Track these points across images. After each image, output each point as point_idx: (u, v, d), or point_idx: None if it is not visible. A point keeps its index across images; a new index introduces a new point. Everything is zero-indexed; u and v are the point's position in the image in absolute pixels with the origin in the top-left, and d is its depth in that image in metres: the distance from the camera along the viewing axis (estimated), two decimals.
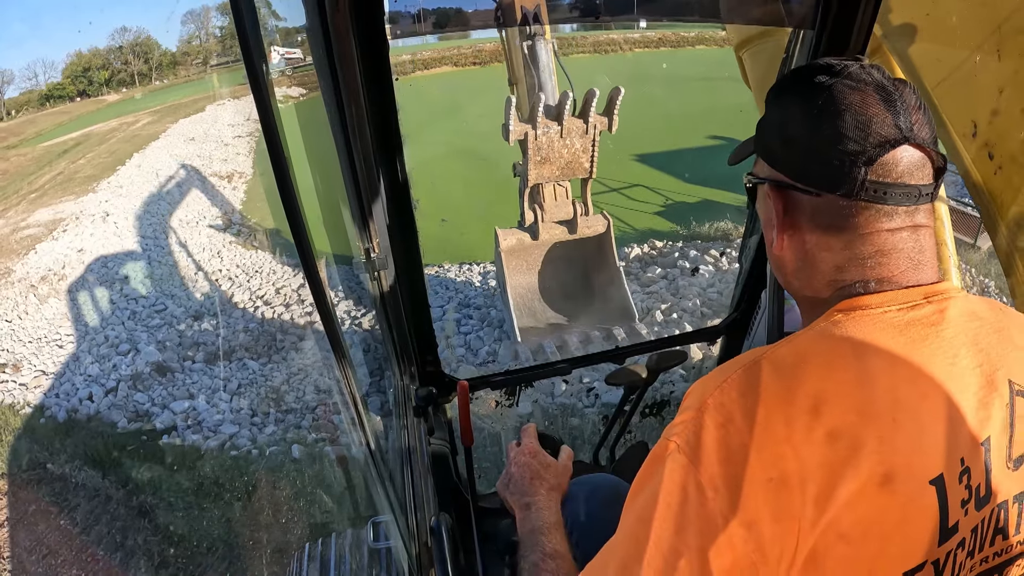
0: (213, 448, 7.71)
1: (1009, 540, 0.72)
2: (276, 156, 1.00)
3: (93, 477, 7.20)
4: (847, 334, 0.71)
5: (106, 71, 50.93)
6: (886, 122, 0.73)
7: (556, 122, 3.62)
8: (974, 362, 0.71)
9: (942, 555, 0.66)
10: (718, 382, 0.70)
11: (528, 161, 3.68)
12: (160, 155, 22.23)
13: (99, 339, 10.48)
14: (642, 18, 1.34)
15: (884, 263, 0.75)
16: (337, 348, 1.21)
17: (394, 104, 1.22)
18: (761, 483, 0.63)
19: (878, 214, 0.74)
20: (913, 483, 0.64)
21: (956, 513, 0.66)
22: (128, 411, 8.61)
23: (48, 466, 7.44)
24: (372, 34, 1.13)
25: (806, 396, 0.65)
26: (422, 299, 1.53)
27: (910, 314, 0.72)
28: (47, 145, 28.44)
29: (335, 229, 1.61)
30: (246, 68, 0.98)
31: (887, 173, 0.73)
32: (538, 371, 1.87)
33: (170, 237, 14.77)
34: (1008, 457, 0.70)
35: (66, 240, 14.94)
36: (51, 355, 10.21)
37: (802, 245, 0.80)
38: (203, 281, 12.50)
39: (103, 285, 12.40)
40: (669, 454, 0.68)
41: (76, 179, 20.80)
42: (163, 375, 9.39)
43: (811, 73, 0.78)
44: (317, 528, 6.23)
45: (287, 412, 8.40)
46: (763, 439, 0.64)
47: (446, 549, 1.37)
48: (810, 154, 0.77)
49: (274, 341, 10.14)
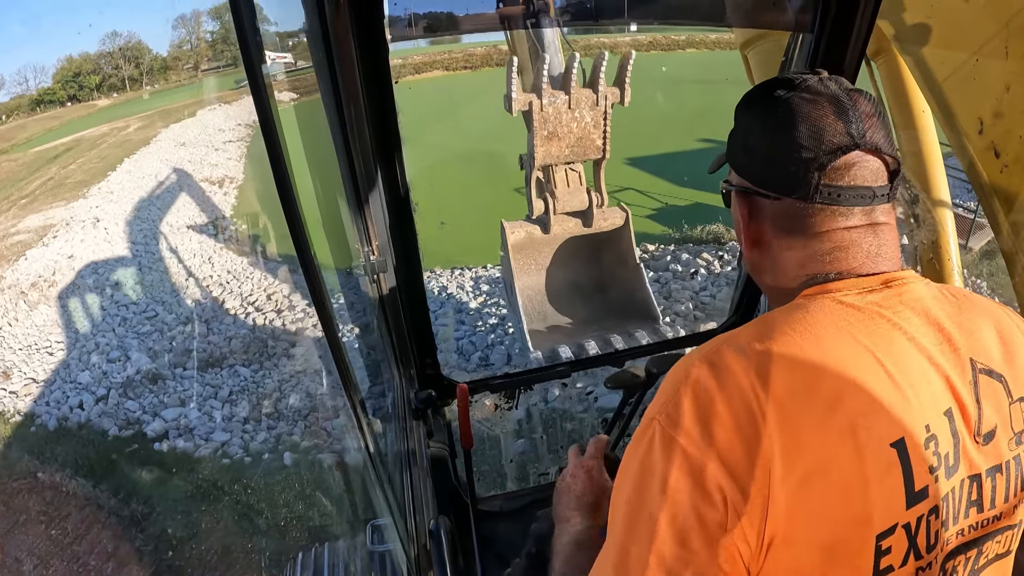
0: (205, 456, 7.64)
1: (985, 513, 0.76)
2: (276, 158, 1.00)
3: (84, 486, 7.12)
4: (807, 313, 0.76)
5: (97, 76, 50.62)
6: (838, 130, 0.78)
7: (563, 91, 3.16)
8: (933, 340, 0.75)
9: (912, 519, 0.70)
10: (688, 364, 0.76)
11: (534, 136, 3.21)
12: (151, 160, 22.10)
13: (89, 346, 10.38)
14: (643, 21, 1.35)
15: (842, 258, 0.80)
16: (336, 351, 1.21)
17: (394, 106, 1.22)
18: (731, 426, 0.68)
19: (834, 215, 0.80)
20: (873, 442, 0.68)
21: (923, 478, 0.70)
22: (119, 419, 8.52)
23: (39, 475, 7.35)
24: (372, 36, 1.13)
25: (771, 365, 0.70)
26: (421, 302, 1.53)
27: (869, 296, 0.77)
28: (38, 150, 28.22)
29: (334, 232, 1.61)
30: (246, 70, 0.98)
31: (839, 177, 0.79)
32: (538, 374, 1.87)
33: (161, 243, 14.67)
34: (977, 432, 0.75)
35: (56, 246, 14.81)
36: (41, 363, 10.10)
37: (768, 246, 0.87)
38: (194, 287, 12.42)
39: (93, 291, 12.30)
40: (651, 429, 0.73)
41: (67, 185, 20.65)
42: (154, 382, 9.31)
43: (771, 87, 0.85)
44: (311, 535, 6.18)
45: (279, 419, 8.34)
46: (731, 396, 0.69)
47: (445, 552, 1.37)
48: (769, 162, 0.83)
49: (265, 347, 10.07)
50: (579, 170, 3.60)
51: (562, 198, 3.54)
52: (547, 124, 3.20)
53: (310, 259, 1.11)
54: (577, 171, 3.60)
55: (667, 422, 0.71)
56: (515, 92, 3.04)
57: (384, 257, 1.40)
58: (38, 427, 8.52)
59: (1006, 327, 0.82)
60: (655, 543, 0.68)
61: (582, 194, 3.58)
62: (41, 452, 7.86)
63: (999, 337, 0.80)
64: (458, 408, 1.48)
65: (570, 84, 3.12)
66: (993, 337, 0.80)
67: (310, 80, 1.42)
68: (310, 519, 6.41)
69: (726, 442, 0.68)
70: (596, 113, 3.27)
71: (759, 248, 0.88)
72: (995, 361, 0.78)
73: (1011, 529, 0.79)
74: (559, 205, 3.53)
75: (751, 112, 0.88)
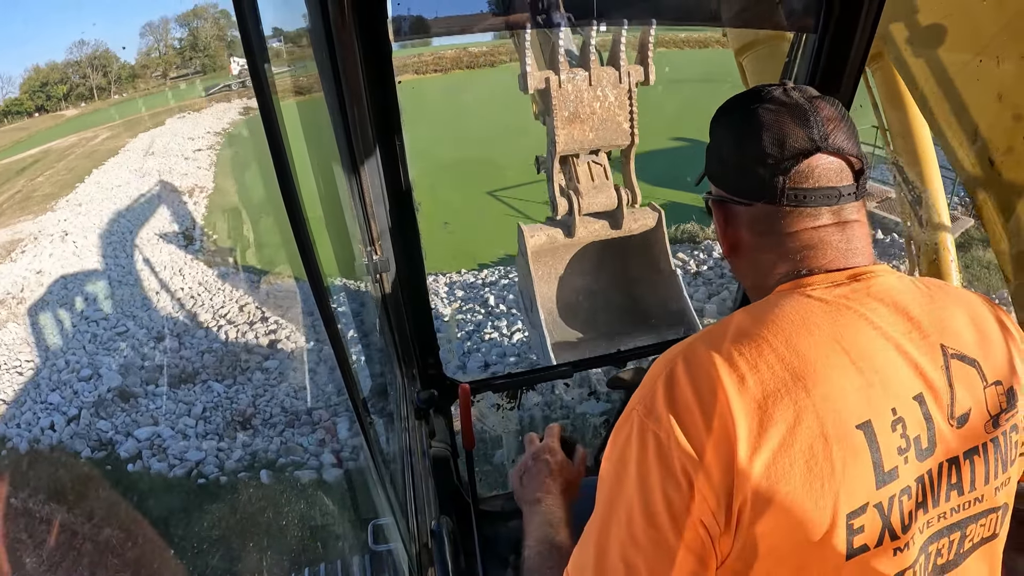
0: (180, 475, 7.44)
1: (965, 496, 0.79)
2: (279, 158, 1.00)
3: (58, 511, 6.87)
4: (776, 307, 0.81)
5: (64, 85, 49.39)
6: (799, 136, 0.83)
7: (582, 68, 2.85)
8: (900, 329, 0.79)
9: (884, 499, 0.73)
10: (665, 360, 0.81)
11: (554, 119, 2.85)
12: (120, 171, 21.65)
13: (60, 364, 10.07)
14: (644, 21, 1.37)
15: (812, 256, 0.85)
16: (339, 351, 1.20)
17: (397, 106, 1.23)
18: (696, 410, 0.73)
19: (802, 215, 0.85)
20: (839, 425, 0.72)
21: (892, 459, 0.73)
22: (91, 440, 8.26)
23: (12, 500, 7.08)
24: (375, 37, 1.14)
25: (738, 357, 0.75)
26: (424, 301, 1.53)
27: (836, 290, 0.81)
28: (5, 163, 27.41)
29: (336, 231, 1.60)
30: (249, 69, 0.98)
31: (804, 179, 0.84)
32: (540, 374, 1.87)
33: (130, 255, 14.33)
34: (951, 415, 0.78)
35: (24, 261, 14.39)
36: (10, 382, 9.76)
37: (746, 250, 0.92)
38: (165, 300, 12.15)
39: (63, 308, 11.95)
40: (631, 420, 0.78)
41: (34, 198, 20.10)
42: (126, 400, 9.06)
43: (740, 101, 0.90)
44: (296, 557, 6.05)
45: (254, 435, 8.17)
46: (700, 386, 0.74)
47: (447, 551, 1.37)
48: (739, 170, 0.89)
49: (238, 361, 9.89)
50: (604, 163, 3.19)
51: (587, 194, 3.11)
52: (567, 104, 2.87)
53: (313, 259, 1.11)
54: (602, 164, 3.19)
55: (643, 412, 0.77)
56: (530, 67, 2.74)
57: (387, 256, 1.40)
58: (9, 450, 8.23)
59: (980, 314, 0.85)
60: (631, 525, 0.74)
61: (609, 191, 3.13)
62: (13, 477, 7.59)
63: (972, 324, 0.84)
64: (460, 408, 1.48)
65: (588, 59, 2.83)
66: (966, 324, 0.83)
67: (309, 80, 1.42)
68: (300, 536, 6.28)
69: (692, 427, 0.73)
70: (620, 92, 2.93)
71: (737, 253, 0.93)
72: (968, 347, 0.81)
73: (994, 512, 0.82)
74: (584, 203, 3.10)
75: (722, 125, 0.93)
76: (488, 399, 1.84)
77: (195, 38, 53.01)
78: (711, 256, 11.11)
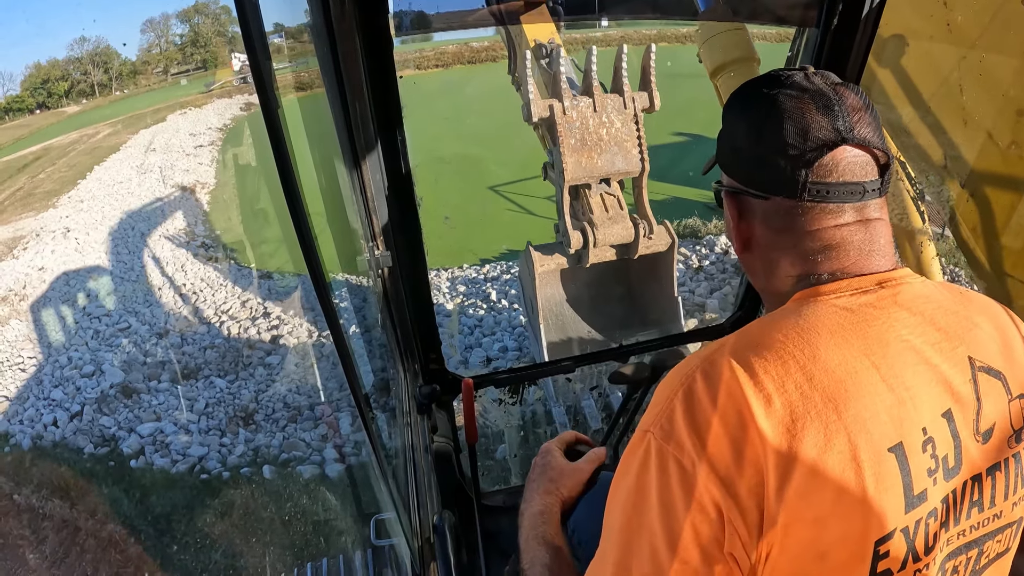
0: (183, 471, 7.45)
1: (985, 513, 0.75)
2: (280, 155, 1.00)
3: (61, 507, 6.90)
4: (800, 318, 0.75)
5: (65, 82, 49.34)
6: (824, 126, 0.77)
7: (586, 95, 2.83)
8: (929, 340, 0.75)
9: (911, 523, 0.69)
10: (681, 374, 0.75)
11: (561, 146, 2.77)
12: (121, 167, 21.63)
13: (62, 360, 10.08)
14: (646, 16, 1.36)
15: (833, 257, 0.79)
16: (341, 346, 1.21)
17: (398, 101, 1.23)
18: (723, 437, 0.67)
19: (823, 212, 0.79)
20: (871, 449, 0.67)
21: (922, 481, 0.69)
22: (94, 436, 8.28)
23: (15, 497, 7.11)
24: (376, 32, 1.14)
25: (764, 375, 0.70)
26: (426, 296, 1.53)
27: (863, 298, 0.76)
28: (7, 160, 27.37)
29: (338, 226, 1.60)
30: (250, 65, 0.98)
31: (827, 173, 0.78)
32: (542, 369, 1.88)
33: (132, 252, 14.34)
34: (976, 430, 0.74)
35: (27, 258, 14.40)
36: (13, 379, 9.78)
37: (759, 247, 0.86)
38: (167, 297, 12.15)
39: (65, 304, 11.96)
40: (645, 442, 0.72)
41: (36, 195, 20.10)
42: (128, 396, 9.07)
43: (757, 85, 0.84)
44: (299, 552, 6.08)
45: (257, 431, 8.19)
46: (724, 407, 0.69)
47: (449, 546, 1.37)
48: (756, 161, 0.82)
49: (241, 356, 9.89)
50: (617, 193, 3.11)
51: (602, 225, 2.99)
52: (573, 131, 2.81)
53: (315, 255, 1.11)
54: (615, 194, 3.10)
55: (660, 434, 0.71)
56: (533, 95, 2.70)
57: (388, 251, 1.40)
58: (12, 447, 8.25)
59: (1004, 324, 0.81)
60: (655, 559, 0.68)
61: (625, 221, 3.04)
62: (16, 473, 7.61)
63: (998, 334, 0.80)
64: (463, 403, 1.48)
65: (591, 85, 2.80)
66: (992, 334, 0.79)
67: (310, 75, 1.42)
68: (302, 531, 6.30)
69: (718, 454, 0.67)
70: (626, 117, 2.90)
71: (750, 249, 0.88)
72: (994, 358, 0.77)
73: (1010, 527, 0.79)
74: (600, 236, 2.98)
75: (737, 111, 0.87)
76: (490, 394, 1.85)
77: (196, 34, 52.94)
78: (713, 251, 11.08)
